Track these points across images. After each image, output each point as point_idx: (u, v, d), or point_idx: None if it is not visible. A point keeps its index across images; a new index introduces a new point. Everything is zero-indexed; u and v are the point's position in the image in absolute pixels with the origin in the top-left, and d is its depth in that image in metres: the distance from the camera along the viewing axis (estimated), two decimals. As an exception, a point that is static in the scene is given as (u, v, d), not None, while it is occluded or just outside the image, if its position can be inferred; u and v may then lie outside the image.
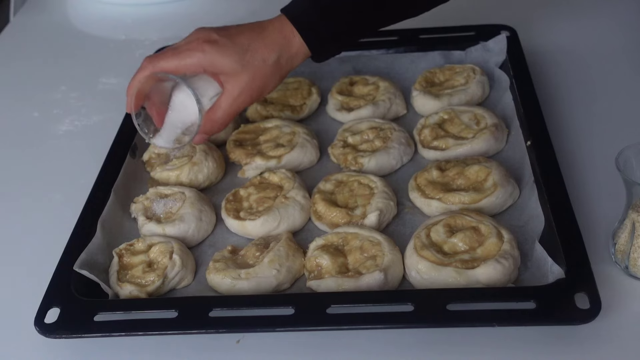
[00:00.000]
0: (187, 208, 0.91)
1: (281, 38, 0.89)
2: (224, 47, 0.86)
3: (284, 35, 0.89)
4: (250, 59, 0.87)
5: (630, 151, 0.78)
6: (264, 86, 0.90)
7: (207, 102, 0.88)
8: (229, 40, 0.87)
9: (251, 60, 0.87)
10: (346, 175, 0.95)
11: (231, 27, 0.90)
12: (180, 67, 0.86)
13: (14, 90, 1.31)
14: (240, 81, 0.87)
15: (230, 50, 0.86)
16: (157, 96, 0.89)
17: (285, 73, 0.91)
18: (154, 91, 0.88)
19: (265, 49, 0.88)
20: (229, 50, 0.86)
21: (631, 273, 0.79)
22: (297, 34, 0.89)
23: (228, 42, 0.87)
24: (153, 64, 0.86)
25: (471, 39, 1.15)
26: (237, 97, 0.88)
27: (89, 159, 1.05)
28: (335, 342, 0.76)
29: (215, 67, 0.87)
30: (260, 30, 0.89)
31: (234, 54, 0.87)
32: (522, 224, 0.86)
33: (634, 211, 0.77)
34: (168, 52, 0.87)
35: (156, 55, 0.88)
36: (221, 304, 0.77)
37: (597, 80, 1.11)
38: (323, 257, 0.82)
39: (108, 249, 0.88)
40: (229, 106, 0.89)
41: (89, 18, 1.52)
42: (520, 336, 0.74)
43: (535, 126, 0.95)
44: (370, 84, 1.11)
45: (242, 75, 0.87)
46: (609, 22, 1.25)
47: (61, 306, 0.79)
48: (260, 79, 0.88)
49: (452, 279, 0.78)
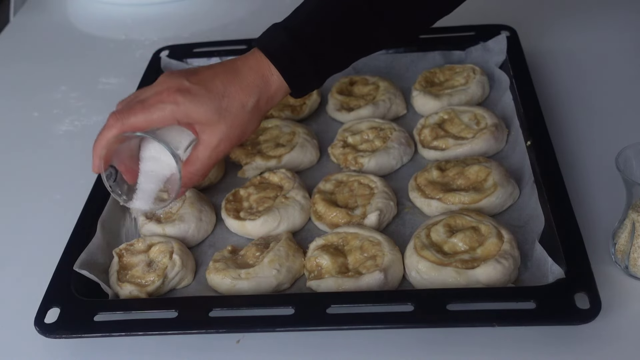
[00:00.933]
0: (187, 208, 0.91)
1: (259, 79, 0.82)
2: (197, 95, 0.79)
3: (261, 74, 0.82)
4: (227, 106, 0.80)
5: (630, 151, 0.78)
6: (242, 133, 0.83)
7: (183, 154, 0.82)
8: (203, 88, 0.80)
9: (228, 108, 0.80)
10: (346, 175, 0.95)
11: (202, 70, 0.82)
12: (152, 122, 0.79)
13: (14, 90, 1.31)
14: (218, 131, 0.81)
15: (204, 98, 0.79)
16: (125, 151, 0.82)
17: (264, 114, 0.85)
18: (121, 147, 0.82)
19: (243, 94, 0.81)
20: (203, 99, 0.79)
21: (631, 273, 0.79)
22: (275, 71, 0.82)
23: (201, 90, 0.79)
24: (122, 122, 0.78)
25: (471, 39, 1.15)
26: (215, 148, 0.82)
27: (89, 159, 1.04)
28: (335, 342, 0.76)
29: (190, 118, 0.80)
30: (235, 71, 0.82)
31: (209, 103, 0.79)
32: (522, 224, 0.86)
33: (634, 211, 0.77)
34: (137, 107, 0.79)
35: (123, 112, 0.79)
36: (221, 304, 0.77)
37: (597, 80, 1.11)
38: (323, 257, 0.82)
39: (108, 249, 0.88)
40: (208, 158, 0.82)
41: (89, 18, 1.52)
42: (520, 336, 0.74)
43: (535, 126, 0.95)
44: (370, 83, 1.11)
45: (219, 125, 0.81)
46: (609, 22, 1.25)
47: (61, 306, 0.79)
48: (239, 126, 0.82)
49: (452, 279, 0.78)
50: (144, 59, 1.24)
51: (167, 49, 1.24)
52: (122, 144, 0.81)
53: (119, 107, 0.83)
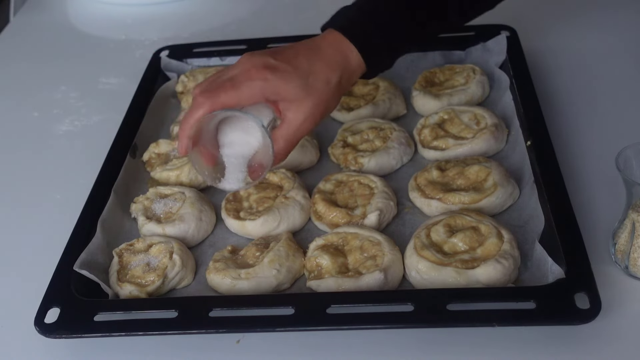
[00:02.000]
0: (187, 208, 0.91)
1: (339, 55, 0.83)
2: (285, 72, 0.79)
3: (341, 51, 0.83)
4: (312, 83, 0.80)
5: (630, 151, 0.78)
6: (325, 110, 0.83)
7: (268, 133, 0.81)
8: (289, 65, 0.80)
9: (314, 84, 0.80)
10: (346, 175, 0.95)
11: (284, 49, 0.83)
12: (241, 99, 0.78)
13: (14, 90, 1.31)
14: (304, 108, 0.80)
15: (292, 75, 0.79)
16: (205, 134, 0.81)
17: (345, 92, 0.86)
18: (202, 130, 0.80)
19: (327, 70, 0.81)
20: (291, 76, 0.79)
21: (631, 273, 0.79)
22: (354, 48, 0.83)
23: (288, 67, 0.79)
24: (212, 100, 0.77)
25: (471, 39, 1.15)
26: (300, 126, 0.81)
27: (89, 159, 1.05)
28: (335, 342, 0.76)
29: (278, 95, 0.79)
30: (317, 49, 0.83)
31: (297, 79, 0.79)
32: (522, 224, 0.86)
33: (634, 211, 0.77)
34: (226, 84, 0.78)
35: (212, 90, 0.78)
36: (221, 304, 0.77)
37: (597, 80, 1.11)
38: (323, 257, 0.82)
39: (108, 249, 0.88)
40: (292, 135, 0.81)
41: (89, 18, 1.52)
42: (520, 336, 0.74)
43: (535, 126, 0.95)
44: (370, 83, 1.11)
45: (305, 102, 0.80)
46: (609, 21, 1.25)
47: (61, 306, 0.79)
48: (324, 102, 0.81)
49: (452, 279, 0.78)
50: (144, 59, 1.24)
51: (167, 49, 1.24)
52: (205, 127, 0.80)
53: (200, 88, 0.80)
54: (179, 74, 1.20)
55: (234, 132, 0.81)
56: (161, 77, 1.20)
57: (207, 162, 0.81)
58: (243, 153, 0.82)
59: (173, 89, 1.18)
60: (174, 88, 1.18)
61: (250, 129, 0.80)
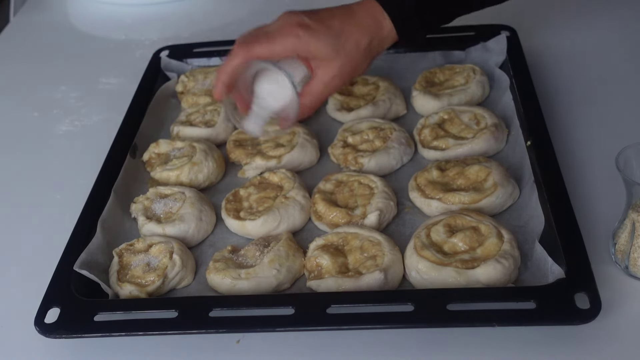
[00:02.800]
0: (187, 208, 0.91)
1: (372, 21, 0.87)
2: (317, 31, 0.85)
3: (374, 17, 0.87)
4: (343, 44, 0.86)
5: (630, 151, 0.78)
6: (353, 71, 0.88)
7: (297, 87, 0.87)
8: (322, 25, 0.85)
9: (344, 45, 0.86)
10: (346, 175, 0.95)
11: (320, 11, 0.88)
12: (274, 52, 0.84)
13: (14, 90, 1.31)
14: (333, 66, 0.86)
15: (323, 34, 0.85)
16: (241, 82, 0.87)
17: (374, 57, 0.90)
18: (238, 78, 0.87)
19: (358, 33, 0.86)
20: (322, 35, 0.85)
21: (631, 273, 0.79)
22: (387, 17, 0.88)
23: (321, 27, 0.85)
24: (247, 50, 0.84)
25: (471, 39, 1.15)
26: (328, 83, 0.87)
27: (89, 159, 1.05)
28: (335, 342, 0.76)
29: (309, 52, 0.85)
30: (351, 12, 0.88)
31: (328, 39, 0.85)
32: (522, 224, 0.86)
33: (634, 211, 0.77)
34: (261, 37, 0.85)
35: (248, 41, 0.85)
36: (221, 304, 0.77)
37: (597, 80, 1.11)
38: (323, 257, 0.82)
39: (108, 249, 0.88)
40: (320, 92, 0.88)
41: (89, 18, 1.52)
42: (520, 336, 0.74)
43: (535, 126, 0.95)
44: (370, 83, 1.11)
45: (335, 61, 0.86)
46: (609, 22, 1.25)
47: (61, 306, 0.79)
48: (352, 63, 0.87)
49: (452, 279, 0.78)
50: (144, 59, 1.24)
51: (167, 49, 1.24)
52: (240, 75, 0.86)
53: (239, 40, 0.86)
54: (179, 74, 1.20)
55: (268, 85, 0.87)
56: (161, 77, 1.20)
57: (241, 110, 0.88)
58: (272, 103, 0.88)
59: (173, 89, 1.18)
60: (174, 88, 1.18)
61: (281, 82, 0.85)
